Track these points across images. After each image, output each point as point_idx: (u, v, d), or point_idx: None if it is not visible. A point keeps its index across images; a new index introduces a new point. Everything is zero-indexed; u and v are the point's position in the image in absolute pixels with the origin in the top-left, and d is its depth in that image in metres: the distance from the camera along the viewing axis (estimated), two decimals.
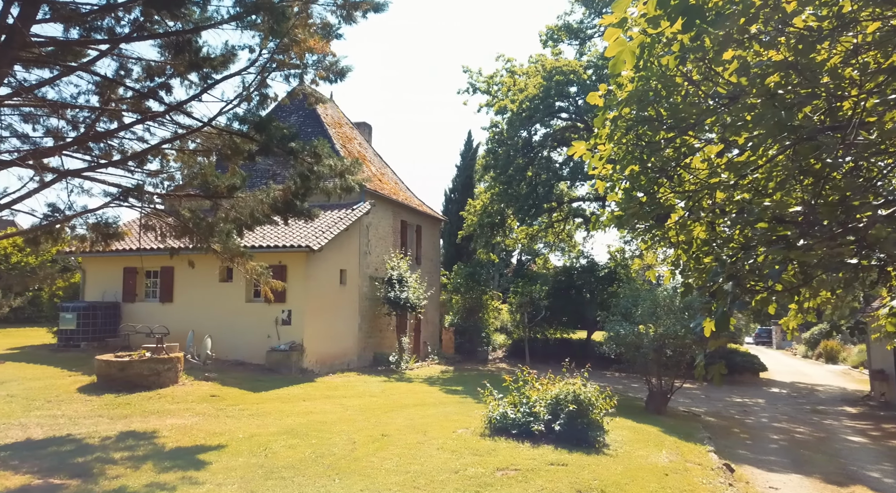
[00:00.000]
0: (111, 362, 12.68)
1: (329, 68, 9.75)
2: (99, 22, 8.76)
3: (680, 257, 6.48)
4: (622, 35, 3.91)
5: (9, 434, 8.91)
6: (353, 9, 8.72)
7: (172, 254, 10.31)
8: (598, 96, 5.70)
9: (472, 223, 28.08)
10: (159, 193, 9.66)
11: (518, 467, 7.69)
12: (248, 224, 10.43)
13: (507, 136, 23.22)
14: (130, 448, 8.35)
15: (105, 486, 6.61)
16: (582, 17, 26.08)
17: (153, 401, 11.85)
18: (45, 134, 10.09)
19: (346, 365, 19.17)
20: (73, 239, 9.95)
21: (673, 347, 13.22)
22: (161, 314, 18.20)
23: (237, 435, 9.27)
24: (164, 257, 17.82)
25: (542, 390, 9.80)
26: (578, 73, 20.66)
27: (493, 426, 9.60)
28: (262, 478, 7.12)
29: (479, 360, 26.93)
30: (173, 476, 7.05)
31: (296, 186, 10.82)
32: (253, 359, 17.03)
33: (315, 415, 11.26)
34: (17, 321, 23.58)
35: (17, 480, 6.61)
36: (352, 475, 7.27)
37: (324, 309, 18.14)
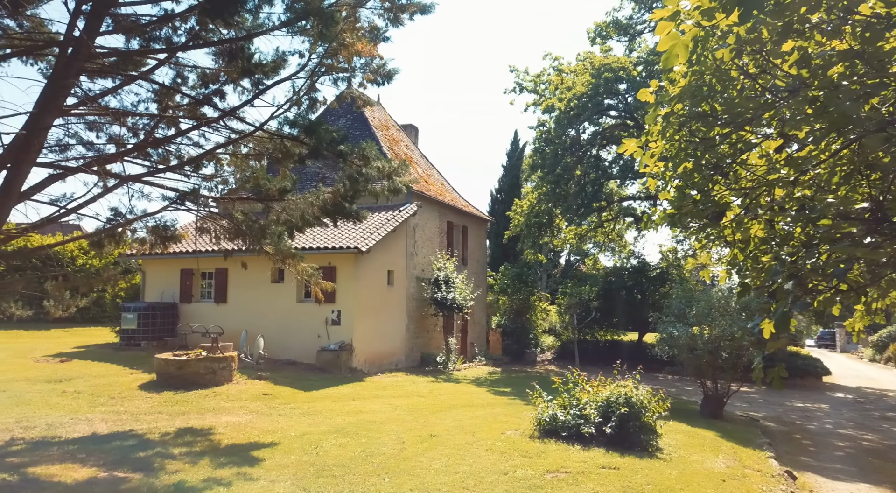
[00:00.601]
0: (169, 361, 13.14)
1: (376, 71, 9.84)
2: (157, 32, 9.09)
3: (736, 257, 6.28)
4: (674, 29, 3.80)
5: (76, 429, 9.33)
6: (400, 11, 8.79)
7: (226, 256, 10.61)
8: (650, 93, 5.58)
9: (518, 223, 27.89)
10: (213, 197, 9.94)
11: (568, 469, 7.58)
12: (299, 226, 10.64)
13: (554, 134, 22.97)
14: (188, 444, 8.63)
15: (165, 480, 6.84)
16: (631, 13, 25.58)
17: (209, 399, 12.21)
18: (107, 141, 10.53)
19: (394, 365, 19.34)
20: (134, 242, 10.35)
21: (729, 349, 12.79)
22: (215, 314, 18.76)
23: (289, 433, 9.45)
24: (219, 259, 18.38)
25: (592, 393, 9.65)
26: (628, 69, 20.27)
27: (543, 428, 9.50)
28: (313, 476, 7.23)
29: (527, 362, 26.74)
30: (229, 472, 7.24)
31: (344, 189, 10.96)
32: (304, 358, 17.37)
33: (364, 414, 11.38)
34: (82, 321, 24.66)
35: (84, 472, 6.92)
36: (401, 475, 7.32)
37: (372, 309, 18.35)
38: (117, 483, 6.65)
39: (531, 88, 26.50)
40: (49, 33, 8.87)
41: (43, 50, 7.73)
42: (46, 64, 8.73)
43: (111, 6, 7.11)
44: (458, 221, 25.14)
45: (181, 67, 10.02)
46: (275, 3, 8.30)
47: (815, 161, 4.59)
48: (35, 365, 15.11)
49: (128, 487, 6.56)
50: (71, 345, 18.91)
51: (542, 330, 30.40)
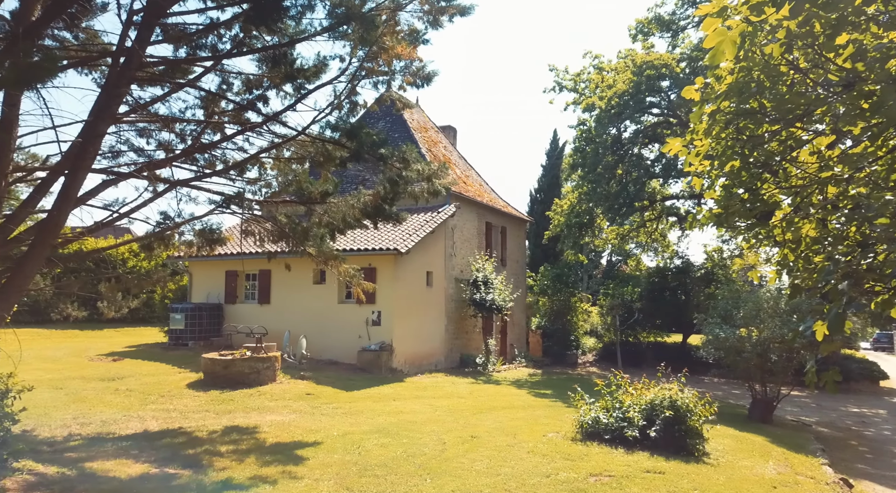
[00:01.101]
0: (216, 361, 13.47)
1: (416, 74, 9.89)
2: (203, 40, 9.33)
3: (787, 257, 6.09)
4: (721, 25, 3.70)
5: (129, 426, 9.65)
6: (439, 13, 8.80)
7: (270, 258, 10.82)
8: (695, 90, 5.46)
9: (558, 224, 27.63)
10: (258, 200, 10.14)
11: (612, 473, 7.47)
12: (340, 228, 10.77)
13: (595, 133, 22.69)
14: (235, 442, 8.83)
15: (213, 477, 7.01)
16: (674, 9, 25.06)
17: (253, 398, 12.48)
18: (157, 147, 10.88)
19: (434, 366, 19.40)
20: (182, 244, 10.64)
21: (779, 351, 12.40)
22: (259, 315, 19.16)
23: (332, 433, 9.58)
24: (263, 261, 18.75)
25: (635, 396, 9.49)
26: (671, 66, 19.86)
27: (585, 431, 9.39)
28: (356, 475, 7.31)
29: (568, 363, 26.48)
30: (274, 470, 7.38)
31: (384, 191, 11.05)
32: (345, 358, 17.58)
33: (405, 415, 11.45)
34: (132, 321, 25.50)
35: (137, 468, 7.15)
36: (443, 476, 7.33)
37: (411, 310, 18.45)
38: (168, 479, 6.85)
39: (571, 87, 26.24)
40: (102, 44, 9.21)
41: (97, 60, 8.02)
42: (100, 73, 9.06)
43: (161, 17, 7.33)
44: (497, 221, 25.07)
45: (226, 74, 10.28)
46: (316, 9, 8.45)
47: (872, 158, 4.41)
48: (90, 364, 15.69)
49: (178, 483, 6.75)
50: (123, 344, 19.59)
51: (584, 332, 30.06)
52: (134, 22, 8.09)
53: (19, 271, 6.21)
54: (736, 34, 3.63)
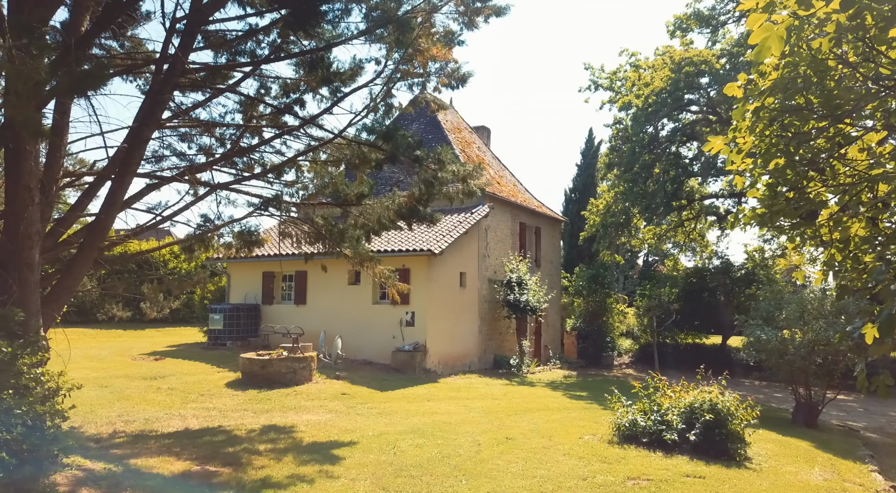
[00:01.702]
0: (254, 360, 13.70)
1: (451, 75, 9.90)
2: (242, 46, 9.52)
3: (833, 257, 5.91)
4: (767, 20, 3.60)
5: (170, 424, 9.89)
6: (474, 14, 8.80)
7: (307, 259, 10.96)
8: (737, 87, 5.34)
9: (594, 223, 27.30)
10: (295, 202, 10.29)
11: (650, 477, 7.35)
12: (376, 230, 10.86)
13: (631, 132, 22.36)
14: (272, 441, 8.97)
15: (252, 475, 7.13)
16: (714, 3, 24.56)
17: (290, 397, 12.65)
18: (197, 151, 11.14)
19: (467, 367, 19.38)
20: (221, 246, 10.86)
21: (824, 354, 12.03)
22: (295, 315, 19.43)
23: (367, 433, 9.65)
24: (299, 262, 18.95)
25: (674, 398, 9.32)
26: (711, 62, 19.45)
27: (622, 434, 9.25)
28: (391, 475, 7.34)
29: (603, 365, 26.16)
30: (311, 469, 7.47)
31: (419, 193, 11.10)
32: (379, 359, 17.70)
33: (440, 416, 11.46)
34: (173, 321, 26.15)
35: (179, 465, 7.32)
36: (478, 477, 7.31)
37: (445, 311, 18.47)
38: (209, 477, 6.99)
39: (607, 86, 25.94)
40: (146, 51, 9.48)
41: (142, 68, 8.25)
42: (143, 80, 9.32)
43: (203, 24, 7.49)
44: (531, 221, 24.93)
45: (264, 79, 10.45)
46: (352, 13, 8.53)
47: None
48: (133, 363, 16.14)
49: (218, 481, 6.88)
50: (164, 344, 20.09)
51: (619, 333, 29.65)
52: (177, 30, 8.31)
53: (69, 273, 6.42)
54: (783, 29, 3.53)
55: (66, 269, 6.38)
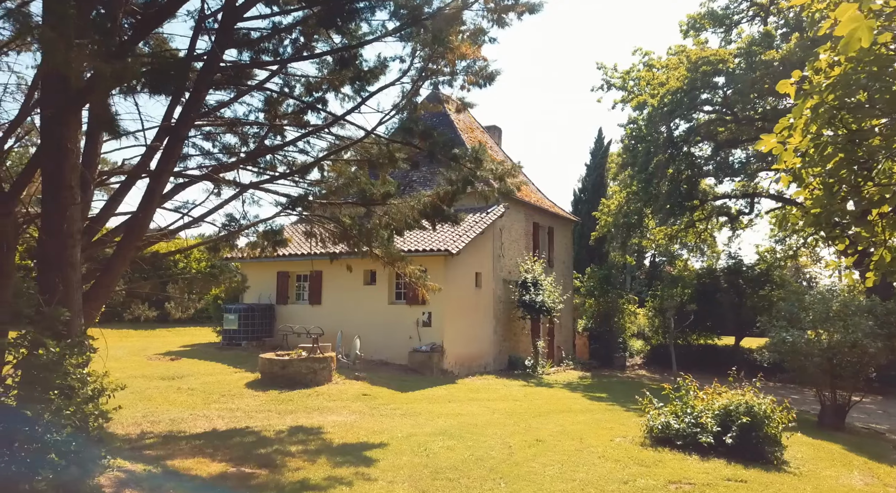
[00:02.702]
0: (273, 361, 13.62)
1: (478, 73, 9.79)
2: (266, 44, 9.44)
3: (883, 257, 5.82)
4: (858, 10, 3.50)
5: (197, 424, 9.82)
6: (505, 11, 8.69)
7: (332, 259, 10.90)
8: (790, 84, 5.25)
9: (606, 224, 27.19)
10: (321, 202, 10.20)
11: (691, 481, 7.25)
12: (400, 229, 10.80)
13: (646, 132, 22.25)
14: (302, 442, 8.89)
15: (289, 477, 7.05)
16: (727, 3, 24.46)
17: (312, 398, 12.57)
18: (220, 150, 11.07)
19: (483, 368, 19.28)
20: (246, 246, 10.79)
21: (852, 355, 11.90)
22: (310, 315, 19.34)
23: (396, 434, 9.56)
24: (314, 262, 18.97)
25: (706, 401, 9.21)
26: (728, 61, 19.33)
27: (654, 436, 9.15)
28: (429, 478, 7.26)
29: (616, 366, 26.05)
30: (347, 471, 7.38)
31: (444, 192, 11.02)
32: (395, 359, 17.61)
33: (464, 417, 11.37)
34: (183, 322, 26.07)
35: (215, 467, 7.24)
36: (516, 480, 7.22)
37: (461, 312, 18.38)
38: (247, 479, 6.91)
39: (620, 85, 25.80)
40: (170, 50, 9.38)
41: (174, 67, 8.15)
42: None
43: (237, 21, 7.41)
44: (544, 222, 24.84)
45: (289, 77, 10.38)
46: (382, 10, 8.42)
47: None
48: (149, 363, 16.06)
49: (257, 483, 6.80)
50: (177, 344, 20.00)
51: (631, 334, 29.54)
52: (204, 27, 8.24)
53: (108, 272, 6.35)
54: (874, 21, 3.42)
55: (104, 268, 6.31)
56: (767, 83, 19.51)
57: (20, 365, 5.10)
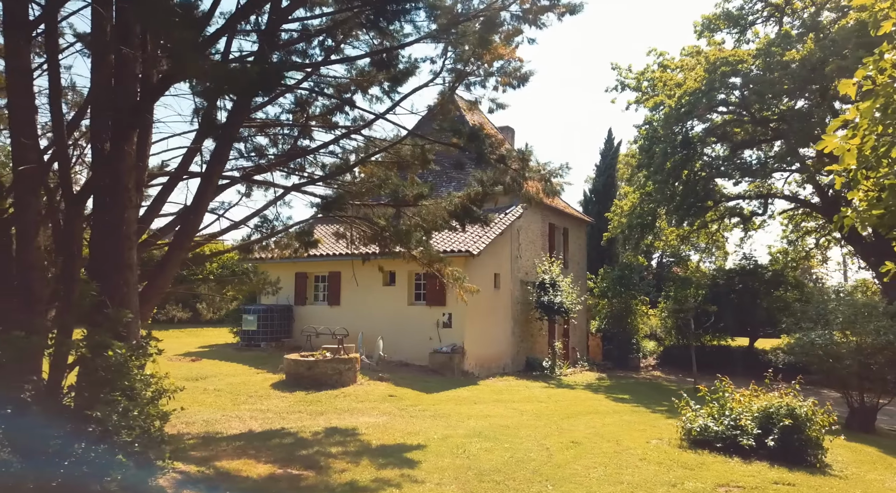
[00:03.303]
0: (299, 362, 13.62)
1: (512, 74, 9.78)
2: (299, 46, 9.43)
3: None
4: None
5: (231, 425, 9.81)
6: (542, 12, 8.68)
7: (364, 260, 10.89)
8: (852, 84, 5.23)
9: (619, 224, 27.14)
10: (353, 203, 10.19)
11: (738, 484, 7.23)
12: (429, 230, 10.81)
13: (662, 132, 22.21)
14: (341, 444, 8.88)
15: (337, 479, 7.04)
16: (742, 3, 24.41)
17: (339, 399, 12.56)
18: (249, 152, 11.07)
19: (502, 369, 19.25)
20: (278, 247, 10.78)
21: (883, 358, 11.85)
22: (329, 316, 19.33)
23: (432, 436, 9.54)
24: (333, 263, 18.97)
25: (744, 403, 9.19)
26: (747, 62, 19.30)
27: (692, 438, 9.13)
28: (475, 480, 7.24)
29: (630, 367, 26.00)
30: (393, 473, 7.37)
31: (474, 193, 11.02)
32: (415, 360, 17.59)
33: (494, 419, 11.35)
34: (196, 323, 26.03)
35: (263, 468, 7.24)
36: (563, 483, 7.20)
37: (480, 313, 18.35)
38: (296, 480, 6.90)
39: (634, 86, 25.77)
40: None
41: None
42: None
43: (285, 22, 7.40)
44: (560, 222, 24.81)
45: (322, 77, 10.39)
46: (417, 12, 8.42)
47: None
48: (171, 363, 16.05)
49: (306, 484, 6.80)
50: (195, 345, 20.00)
51: (643, 335, 29.49)
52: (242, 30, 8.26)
53: (160, 273, 6.35)
54: None
55: (157, 269, 6.31)
56: (787, 84, 19.49)
57: (84, 366, 5.09)
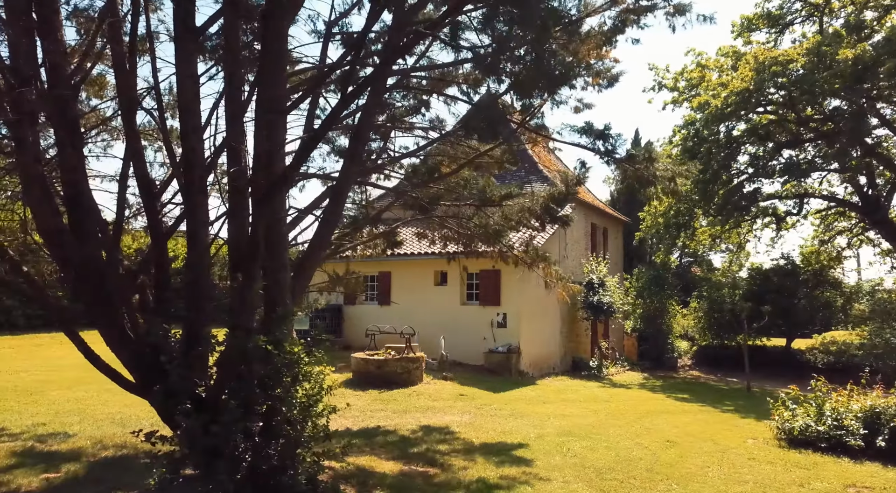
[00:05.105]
0: (369, 361, 13.68)
1: (601, 74, 9.79)
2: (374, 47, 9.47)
3: None
4: None
5: None
6: (645, 12, 8.70)
7: (450, 259, 10.98)
8: None
9: (654, 224, 27.09)
10: (443, 204, 10.24)
11: (866, 485, 7.23)
12: (508, 229, 10.89)
13: (706, 133, 22.17)
14: (444, 441, 8.93)
15: (464, 476, 7.09)
16: (781, 3, 24.34)
17: (413, 398, 12.62)
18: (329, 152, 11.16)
19: (552, 369, 19.27)
20: (359, 245, 10.85)
21: None
22: (379, 316, 19.38)
23: (527, 435, 9.57)
24: (382, 263, 19.01)
25: (843, 403, 9.19)
26: (797, 61, 19.25)
27: (793, 438, 9.13)
28: (597, 478, 7.26)
29: (668, 367, 25.94)
30: (514, 471, 7.40)
31: (558, 193, 11.07)
32: (470, 360, 17.61)
33: (574, 418, 11.37)
34: None
35: (389, 465, 7.29)
36: (688, 482, 7.21)
37: (533, 313, 18.38)
38: (427, 477, 6.96)
39: (671, 86, 25.73)
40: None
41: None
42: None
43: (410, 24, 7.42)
44: (600, 222, 24.84)
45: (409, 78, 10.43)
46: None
47: None
48: None
49: (439, 481, 6.85)
50: None
51: (677, 335, 29.46)
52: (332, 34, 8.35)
53: (301, 273, 6.42)
54: None
55: (297, 270, 6.36)
56: (836, 83, 19.41)
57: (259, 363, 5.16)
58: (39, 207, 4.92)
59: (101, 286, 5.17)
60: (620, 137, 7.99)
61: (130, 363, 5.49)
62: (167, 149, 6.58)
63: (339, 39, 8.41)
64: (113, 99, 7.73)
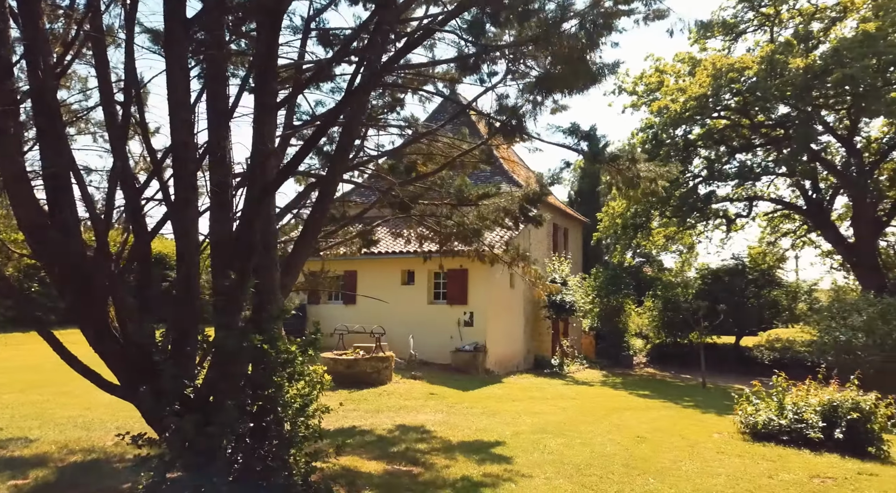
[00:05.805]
0: (338, 360, 13.56)
1: None
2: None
3: None
4: None
5: None
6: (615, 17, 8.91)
7: (426, 258, 10.98)
8: None
9: (612, 225, 27.77)
10: (420, 202, 10.23)
11: (829, 475, 7.61)
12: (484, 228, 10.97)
13: (663, 136, 22.86)
14: (422, 441, 8.94)
15: (447, 474, 7.11)
16: (734, 12, 25.29)
17: (384, 397, 12.58)
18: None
19: (516, 367, 19.51)
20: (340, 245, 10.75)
21: None
22: (344, 316, 19.19)
23: (502, 433, 9.66)
24: (347, 262, 18.82)
25: (801, 397, 9.63)
26: (752, 68, 20.05)
27: (756, 432, 9.52)
28: (577, 474, 7.39)
29: (624, 365, 26.56)
30: (496, 468, 7.47)
31: (532, 193, 11.20)
32: (437, 359, 17.65)
33: (544, 416, 11.55)
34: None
35: (373, 465, 7.25)
36: (664, 476, 7.42)
37: (499, 312, 18.56)
38: (413, 476, 6.95)
39: (630, 90, 26.40)
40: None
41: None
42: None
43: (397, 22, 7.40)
44: (562, 223, 25.25)
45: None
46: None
47: None
48: None
49: (425, 479, 6.86)
50: None
51: (632, 333, 30.21)
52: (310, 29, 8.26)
53: (289, 271, 6.32)
54: None
55: (285, 268, 6.25)
56: (788, 91, 20.29)
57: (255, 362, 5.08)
58: (22, 201, 4.70)
59: (87, 285, 4.97)
60: (605, 138, 8.16)
61: (116, 364, 5.30)
62: (146, 145, 6.38)
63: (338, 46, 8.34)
64: (84, 92, 7.45)
